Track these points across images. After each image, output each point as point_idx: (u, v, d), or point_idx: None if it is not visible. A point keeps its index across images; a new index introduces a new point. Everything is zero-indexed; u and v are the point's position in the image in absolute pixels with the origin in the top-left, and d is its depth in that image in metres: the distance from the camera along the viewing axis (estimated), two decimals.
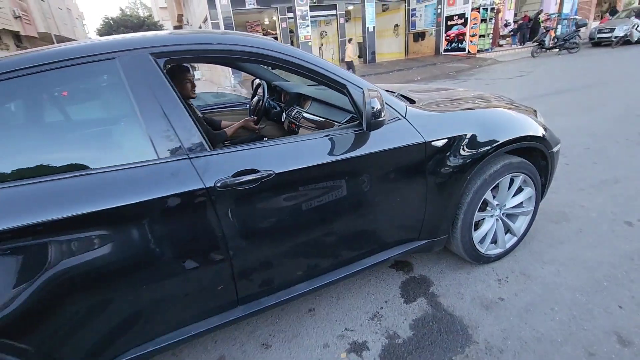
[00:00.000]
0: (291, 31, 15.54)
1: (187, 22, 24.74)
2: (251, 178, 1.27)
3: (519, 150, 1.90)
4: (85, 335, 1.20)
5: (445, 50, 14.98)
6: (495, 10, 14.14)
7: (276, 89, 2.79)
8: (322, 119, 2.04)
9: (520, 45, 15.62)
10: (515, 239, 2.11)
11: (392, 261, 2.19)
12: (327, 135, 1.47)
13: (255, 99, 2.69)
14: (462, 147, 1.68)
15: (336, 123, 1.86)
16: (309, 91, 2.42)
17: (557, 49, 12.78)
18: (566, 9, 14.84)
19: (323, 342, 1.70)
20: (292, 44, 15.71)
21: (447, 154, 1.66)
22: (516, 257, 2.13)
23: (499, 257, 2.09)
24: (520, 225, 2.10)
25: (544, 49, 12.95)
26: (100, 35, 31.22)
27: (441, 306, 1.84)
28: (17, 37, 19.64)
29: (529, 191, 2.02)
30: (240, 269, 1.40)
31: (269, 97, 2.53)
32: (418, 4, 16.44)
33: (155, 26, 32.14)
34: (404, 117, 1.60)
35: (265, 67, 2.70)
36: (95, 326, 1.21)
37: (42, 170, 1.11)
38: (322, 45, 17.91)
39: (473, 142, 1.70)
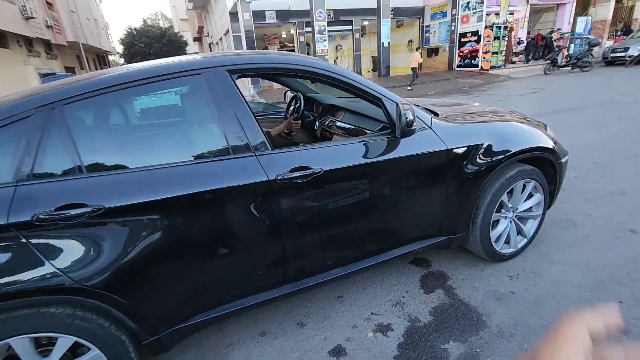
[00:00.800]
0: (308, 44, 16.05)
1: (207, 34, 25.61)
2: (304, 173, 1.52)
3: (530, 159, 2.14)
4: (166, 297, 1.47)
5: (458, 66, 15.24)
6: (508, 29, 14.38)
7: (309, 100, 3.08)
8: (354, 127, 2.31)
9: (525, 62, 15.80)
10: (525, 240, 2.32)
11: (415, 254, 2.40)
12: (363, 141, 1.75)
13: (291, 108, 2.98)
14: (479, 154, 1.93)
15: (367, 131, 2.13)
16: (341, 102, 2.71)
17: (570, 67, 12.91)
18: (579, 29, 15.01)
19: (352, 323, 1.93)
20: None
21: (466, 160, 1.91)
22: (526, 257, 2.33)
23: (511, 256, 2.30)
24: (530, 227, 2.31)
25: (556, 67, 13.10)
26: (123, 43, 32.42)
27: (457, 297, 2.04)
28: (47, 45, 20.65)
29: (538, 197, 2.24)
30: (290, 252, 1.65)
31: (304, 107, 2.81)
32: (432, 20, 16.81)
33: (176, 37, 33.27)
34: (430, 127, 1.87)
35: (303, 80, 3.02)
36: (174, 290, 1.47)
37: (150, 161, 1.41)
38: (337, 58, 18.38)
39: (489, 150, 1.95)
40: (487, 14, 13.99)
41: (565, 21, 17.74)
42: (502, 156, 1.97)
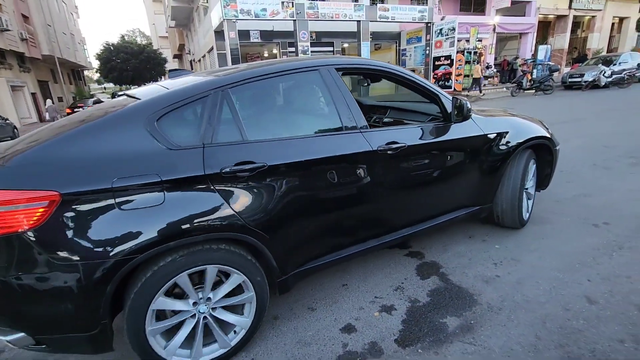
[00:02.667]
0: None
1: (189, 51, 25.80)
2: (396, 146, 2.03)
3: (533, 145, 2.70)
4: (296, 242, 1.83)
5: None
6: (477, 54, 15.51)
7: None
8: (400, 121, 2.89)
9: (501, 83, 17.00)
10: (529, 213, 2.91)
11: (459, 220, 2.64)
12: (425, 127, 2.28)
13: None
14: (504, 139, 2.52)
15: (411, 122, 2.68)
16: (382, 103, 3.33)
17: (534, 90, 14.03)
18: (540, 56, 16.39)
19: (359, 306, 2.11)
20: None
21: (496, 143, 2.49)
22: (507, 247, 2.62)
23: (526, 221, 2.86)
24: (531, 201, 2.94)
25: (522, 90, 14.19)
26: (99, 59, 31.93)
27: (450, 281, 2.28)
28: (20, 57, 20.12)
29: (534, 178, 2.88)
30: (379, 210, 2.09)
31: None
32: (408, 45, 17.84)
33: (155, 54, 33.14)
34: (470, 118, 2.40)
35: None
36: (301, 237, 1.84)
37: (291, 132, 1.88)
38: None
39: (511, 137, 2.54)
40: (458, 40, 15.06)
41: (528, 49, 19.29)
42: (521, 140, 2.57)
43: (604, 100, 10.49)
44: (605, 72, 13.66)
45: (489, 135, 2.46)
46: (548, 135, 2.79)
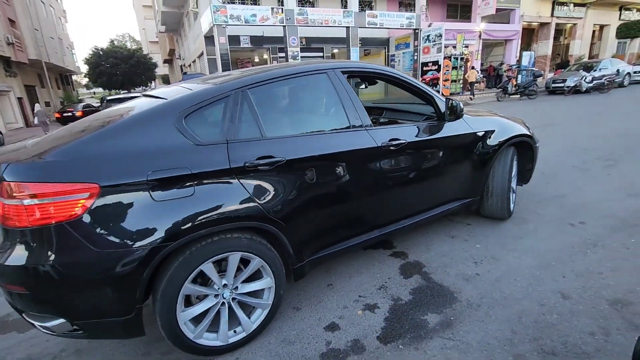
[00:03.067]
0: None
1: (179, 56, 25.71)
2: (397, 143, 2.21)
3: (516, 142, 2.93)
4: (310, 231, 1.98)
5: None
6: (464, 60, 15.82)
7: None
8: (395, 121, 3.06)
9: (487, 88, 17.33)
10: (513, 204, 3.13)
11: (451, 212, 2.83)
12: (421, 125, 2.46)
13: None
14: (491, 137, 2.74)
15: (406, 121, 2.85)
16: (377, 105, 3.51)
17: (519, 95, 14.34)
18: (525, 62, 16.79)
19: (343, 305, 2.15)
20: None
21: (485, 140, 2.71)
22: (488, 246, 2.69)
23: (512, 213, 3.12)
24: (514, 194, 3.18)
25: (507, 95, 14.49)
26: (88, 63, 31.56)
27: (432, 280, 2.34)
28: (7, 62, 19.77)
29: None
30: (383, 202, 2.26)
31: None
32: (397, 50, 18.09)
33: (145, 58, 32.90)
34: (462, 117, 2.62)
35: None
36: (315, 226, 2.00)
37: (304, 129, 2.08)
38: None
39: (497, 134, 2.77)
40: (445, 47, 15.35)
41: (513, 55, 19.75)
42: (505, 138, 2.79)
43: (585, 105, 10.80)
44: (586, 78, 14.05)
45: (477, 133, 2.69)
46: (529, 134, 3.03)
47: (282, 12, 12.91)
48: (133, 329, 1.55)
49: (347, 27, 14.37)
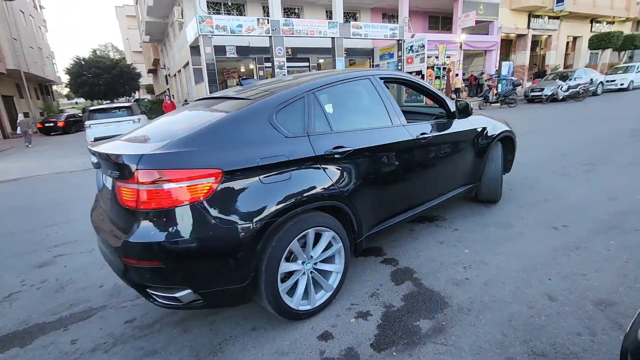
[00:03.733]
0: (267, 79, 16.67)
1: (164, 66, 25.48)
2: (425, 136, 2.69)
3: (503, 137, 3.56)
4: (367, 210, 2.32)
5: (406, 101, 16.69)
6: (446, 70, 16.24)
7: None
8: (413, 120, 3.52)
9: (469, 97, 17.79)
10: (501, 189, 3.74)
11: (458, 197, 3.29)
12: (439, 122, 3.01)
13: None
14: (486, 132, 3.34)
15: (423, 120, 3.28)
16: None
17: (499, 104, 14.78)
18: (504, 71, 17.35)
19: (335, 313, 2.14)
20: None
21: (482, 135, 3.30)
22: (476, 251, 2.74)
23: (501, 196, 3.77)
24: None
25: (488, 103, 14.92)
26: (69, 73, 30.93)
27: (423, 285, 2.36)
28: None
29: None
30: (418, 184, 2.74)
31: None
32: (381, 60, 18.44)
33: (129, 68, 32.50)
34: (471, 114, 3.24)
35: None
36: (370, 206, 2.34)
37: (359, 125, 2.43)
38: None
39: (489, 130, 3.38)
40: (428, 57, 15.73)
41: (493, 65, 20.39)
42: (496, 133, 3.44)
43: (562, 113, 11.21)
44: (562, 87, 14.60)
45: (477, 129, 3.25)
46: (512, 130, 3.72)
47: (268, 23, 13.01)
48: (245, 296, 1.84)
49: (333, 38, 14.58)
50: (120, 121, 10.81)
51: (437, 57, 16.35)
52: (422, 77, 15.69)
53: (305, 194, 1.90)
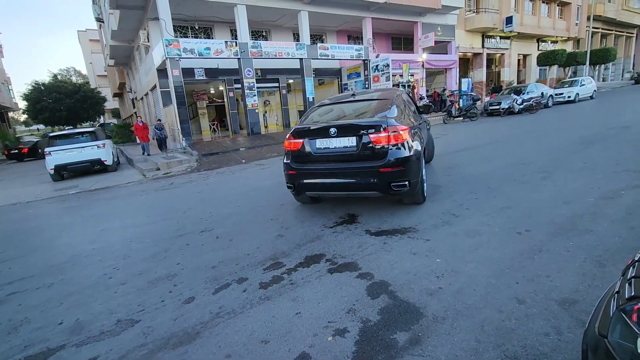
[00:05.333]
0: (237, 100, 16.66)
1: (130, 89, 24.86)
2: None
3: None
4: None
5: None
6: (411, 87, 16.96)
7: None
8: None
9: (435, 113, 18.59)
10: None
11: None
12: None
13: None
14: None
15: None
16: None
17: (462, 118, 15.54)
18: (464, 87, 18.35)
19: (312, 333, 2.10)
20: (238, 111, 16.75)
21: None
22: (447, 260, 2.80)
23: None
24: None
25: (452, 117, 15.65)
26: (27, 99, 29.37)
27: (398, 298, 2.37)
28: None
29: None
30: None
31: None
32: (349, 79, 18.99)
33: (92, 92, 31.38)
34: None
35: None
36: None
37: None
38: (265, 112, 19.27)
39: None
40: (393, 75, 16.38)
41: (453, 81, 21.52)
42: None
43: (519, 124, 11.93)
44: (517, 101, 15.60)
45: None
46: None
47: (237, 45, 13.12)
48: (417, 186, 3.89)
49: (301, 59, 14.89)
50: (83, 147, 10.34)
51: (401, 75, 17.08)
52: None
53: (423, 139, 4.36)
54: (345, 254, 3.12)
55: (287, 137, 4.17)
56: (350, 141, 3.74)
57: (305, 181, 4.02)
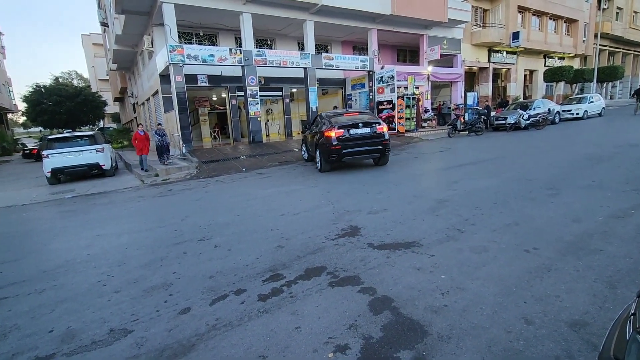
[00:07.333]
0: (239, 108, 16.78)
1: (132, 94, 25.10)
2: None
3: None
4: None
5: None
6: (416, 99, 17.08)
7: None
8: None
9: (438, 125, 18.69)
10: None
11: None
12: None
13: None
14: None
15: None
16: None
17: (467, 132, 15.60)
18: (469, 101, 18.49)
19: (312, 348, 2.06)
20: (240, 119, 16.87)
21: None
22: (453, 277, 2.77)
23: None
24: None
25: (457, 131, 15.71)
26: (27, 101, 29.67)
27: (402, 314, 2.33)
28: None
29: None
30: None
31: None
32: (353, 90, 19.15)
33: (93, 97, 31.70)
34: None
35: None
36: None
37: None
38: (268, 121, 19.39)
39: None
40: (398, 87, 16.52)
41: (459, 95, 21.69)
42: None
43: (525, 140, 11.97)
44: (523, 116, 15.69)
45: None
46: None
47: (241, 53, 13.29)
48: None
49: (305, 68, 15.06)
50: (82, 151, 10.37)
51: (406, 88, 17.21)
52: (393, 107, 16.40)
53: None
54: (348, 267, 3.09)
55: (328, 130, 8.05)
56: (367, 130, 8.08)
57: (344, 151, 7.96)
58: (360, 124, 8.09)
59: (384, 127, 8.33)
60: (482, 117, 15.99)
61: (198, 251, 3.85)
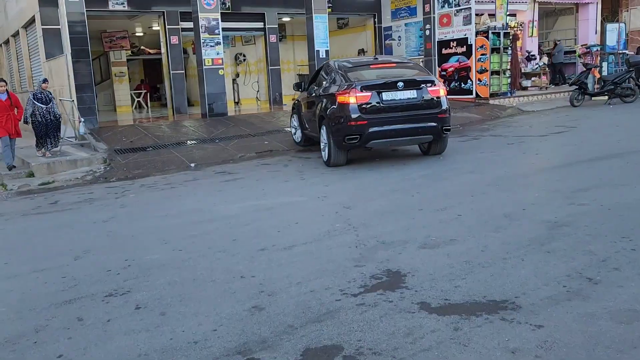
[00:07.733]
0: (185, 51, 16.90)
1: None
2: None
3: None
4: None
5: None
6: (511, 37, 16.99)
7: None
8: None
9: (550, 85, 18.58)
10: None
11: None
12: None
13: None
14: None
15: None
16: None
17: (606, 96, 15.49)
18: (610, 41, 18.32)
19: None
20: (186, 74, 16.98)
21: None
22: None
23: None
24: None
25: (587, 95, 15.61)
26: None
27: None
28: None
29: None
30: None
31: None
32: (394, 20, 19.12)
33: None
34: None
35: None
36: None
37: None
38: (237, 76, 19.46)
39: None
40: (477, 14, 16.48)
41: (590, 29, 21.60)
42: None
43: None
44: None
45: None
46: None
47: None
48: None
49: None
50: None
51: (492, 16, 17.19)
52: (469, 51, 16.28)
53: None
54: (382, 349, 3.08)
55: (343, 92, 8.42)
56: (411, 93, 8.93)
57: (372, 130, 8.40)
58: (400, 84, 8.26)
59: (440, 89, 8.62)
60: (634, 70, 15.87)
61: (104, 316, 3.87)
